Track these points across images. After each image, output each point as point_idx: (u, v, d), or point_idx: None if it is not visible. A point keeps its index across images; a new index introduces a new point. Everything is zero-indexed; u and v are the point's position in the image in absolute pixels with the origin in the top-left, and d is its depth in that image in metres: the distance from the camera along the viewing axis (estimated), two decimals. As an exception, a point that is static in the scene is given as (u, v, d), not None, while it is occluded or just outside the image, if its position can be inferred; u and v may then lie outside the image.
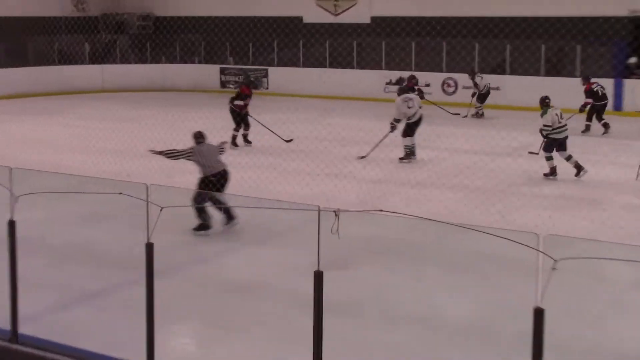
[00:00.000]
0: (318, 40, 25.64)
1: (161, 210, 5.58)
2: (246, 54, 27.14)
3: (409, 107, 14.47)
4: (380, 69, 24.59)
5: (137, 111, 20.54)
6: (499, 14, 22.17)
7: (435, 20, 23.01)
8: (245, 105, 16.31)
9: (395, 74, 23.61)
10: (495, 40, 22.23)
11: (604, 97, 17.66)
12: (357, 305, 7.63)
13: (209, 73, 27.25)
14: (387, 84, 23.92)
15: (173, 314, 7.12)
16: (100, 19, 29.03)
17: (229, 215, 9.95)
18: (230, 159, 13.75)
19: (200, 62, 28.19)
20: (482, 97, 20.56)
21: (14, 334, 6.27)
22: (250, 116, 16.34)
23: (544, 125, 13.07)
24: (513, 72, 22.66)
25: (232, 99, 16.54)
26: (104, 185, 9.27)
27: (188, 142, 10.48)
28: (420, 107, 14.75)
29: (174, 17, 28.04)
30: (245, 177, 12.32)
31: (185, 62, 28.07)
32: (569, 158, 13.05)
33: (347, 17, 25.83)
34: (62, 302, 7.75)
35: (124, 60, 28.56)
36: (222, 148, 10.61)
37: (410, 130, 14.49)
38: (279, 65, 26.43)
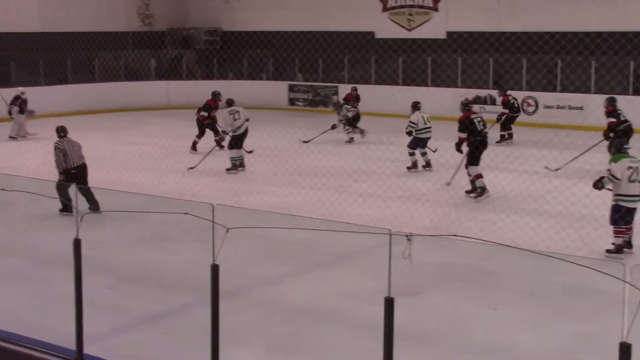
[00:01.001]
0: (391, 57, 25.39)
1: (227, 231, 5.43)
2: (316, 70, 27.03)
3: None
4: (456, 86, 24.14)
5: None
6: (584, 29, 21.45)
7: (515, 35, 22.48)
8: (209, 116, 17.85)
9: (471, 92, 23.08)
10: (580, 57, 21.53)
11: (518, 109, 19.39)
12: (429, 333, 7.38)
13: (277, 90, 27.23)
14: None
15: (238, 338, 6.97)
16: (166, 33, 29.30)
17: (94, 205, 10.50)
18: (298, 179, 13.65)
19: (268, 79, 28.15)
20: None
21: (79, 355, 6.18)
22: (217, 124, 17.55)
23: (410, 122, 15.36)
24: (598, 90, 21.47)
25: (199, 110, 18.13)
26: (169, 205, 9.20)
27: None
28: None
29: (242, 32, 28.11)
30: (315, 198, 12.17)
31: (253, 79, 28.07)
32: (424, 154, 15.39)
33: (421, 33, 25.47)
34: (126, 324, 7.66)
35: (190, 76, 28.76)
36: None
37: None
38: (349, 82, 26.18)
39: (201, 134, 17.98)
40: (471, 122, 13.09)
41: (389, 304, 5.00)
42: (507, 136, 19.03)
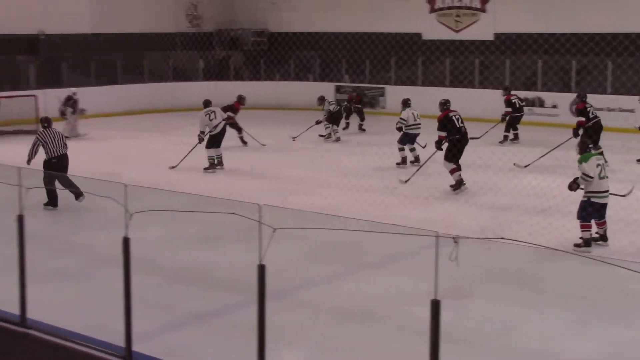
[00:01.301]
0: (438, 58, 25.23)
1: (274, 231, 5.45)
2: (362, 71, 27.01)
3: None
4: (504, 88, 23.83)
5: (250, 130, 20.65)
6: (636, 30, 21.08)
7: (565, 37, 22.18)
8: (232, 118, 18.33)
9: (520, 94, 22.77)
10: (631, 58, 21.15)
11: (520, 108, 19.33)
12: (475, 336, 7.33)
13: (324, 91, 27.19)
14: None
15: (283, 338, 6.98)
16: (214, 34, 29.50)
17: (77, 193, 11.51)
18: (344, 181, 13.66)
19: (315, 80, 28.15)
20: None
21: (128, 352, 6.26)
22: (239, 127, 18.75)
23: (400, 119, 16.13)
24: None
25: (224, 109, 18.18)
26: (216, 205, 9.27)
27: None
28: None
29: (289, 33, 28.13)
30: (361, 199, 12.16)
31: (300, 80, 28.11)
32: (412, 149, 16.06)
33: (468, 34, 25.29)
34: (174, 322, 7.74)
35: (238, 77, 28.90)
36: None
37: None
38: (396, 83, 26.14)
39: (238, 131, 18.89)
40: (449, 120, 13.72)
41: (436, 306, 4.99)
42: (512, 137, 19.16)
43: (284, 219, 5.88)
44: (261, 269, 5.60)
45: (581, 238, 10.01)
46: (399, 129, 16.21)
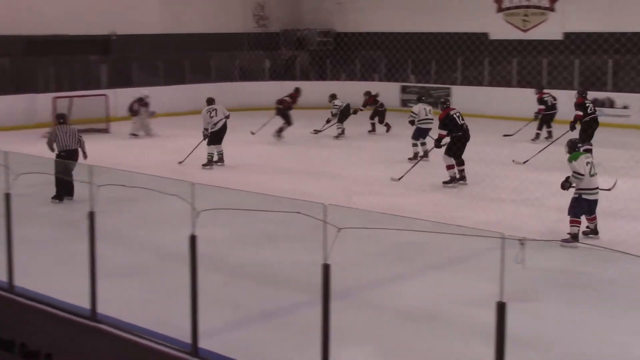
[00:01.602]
0: (505, 58, 24.92)
1: (338, 231, 5.46)
2: (428, 71, 26.85)
3: None
4: (573, 89, 23.39)
5: (354, 130, 20.75)
6: None
7: (637, 36, 21.69)
8: (289, 104, 19.66)
9: (590, 95, 22.31)
10: None
11: (553, 106, 19.30)
12: (541, 340, 7.24)
13: (389, 91, 27.12)
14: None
15: (348, 338, 6.99)
16: (281, 35, 29.66)
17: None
18: (410, 181, 13.61)
19: (380, 80, 28.06)
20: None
21: (194, 348, 6.34)
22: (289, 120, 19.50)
23: (412, 113, 16.92)
24: None
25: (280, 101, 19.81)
26: (282, 204, 9.34)
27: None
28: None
29: (355, 33, 28.16)
30: (426, 200, 12.11)
31: (366, 80, 28.04)
32: (423, 144, 16.45)
33: (537, 34, 24.90)
34: (239, 320, 7.82)
35: (303, 77, 28.99)
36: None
37: None
38: (462, 83, 25.93)
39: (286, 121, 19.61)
40: (451, 118, 14.26)
41: (501, 308, 4.94)
42: (547, 135, 19.14)
43: (349, 218, 5.89)
44: (326, 269, 5.60)
45: (569, 233, 10.20)
46: (411, 122, 16.93)
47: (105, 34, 25.56)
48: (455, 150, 14.05)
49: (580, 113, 16.70)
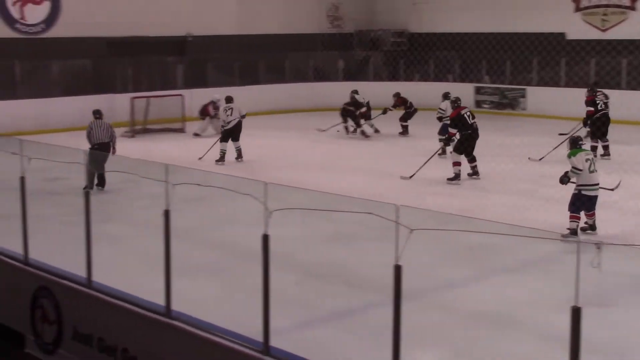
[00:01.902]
0: (583, 58, 24.41)
1: (411, 232, 5.44)
2: (503, 72, 26.50)
3: None
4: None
5: (389, 129, 20.71)
6: None
7: None
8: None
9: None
10: None
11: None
12: (617, 347, 7.08)
13: (463, 92, 26.75)
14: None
15: (419, 340, 6.97)
16: (354, 35, 29.66)
17: (101, 182, 13.31)
18: (484, 183, 13.46)
19: (454, 80, 27.79)
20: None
21: (265, 346, 6.40)
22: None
23: (439, 109, 17.56)
24: None
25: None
26: (354, 205, 9.35)
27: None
28: None
29: (429, 33, 27.96)
30: (500, 202, 11.97)
31: (439, 80, 27.81)
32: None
33: (616, 33, 24.29)
34: (311, 319, 7.86)
35: (377, 77, 28.94)
36: None
37: None
38: (538, 84, 25.51)
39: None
40: (461, 117, 14.84)
41: (576, 313, 4.86)
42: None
43: (422, 219, 5.87)
44: (397, 270, 5.59)
45: (568, 229, 10.39)
46: (439, 118, 17.56)
47: (181, 35, 25.98)
48: (465, 147, 14.62)
49: (592, 109, 17.05)
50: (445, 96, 17.75)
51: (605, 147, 17.09)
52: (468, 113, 15.00)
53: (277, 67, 27.43)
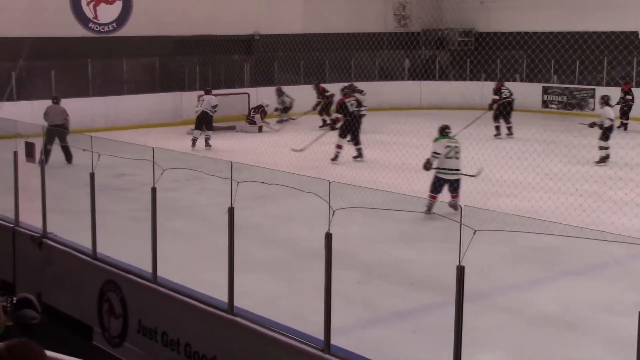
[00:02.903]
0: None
1: (474, 233, 5.39)
2: (572, 72, 26.05)
3: None
4: None
5: (454, 129, 20.49)
6: None
7: None
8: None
9: None
10: None
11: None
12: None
13: (531, 92, 26.50)
14: None
15: (481, 342, 6.92)
16: (421, 34, 29.50)
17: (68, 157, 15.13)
18: (550, 184, 13.27)
19: (521, 80, 27.48)
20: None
21: (326, 345, 6.42)
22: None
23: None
24: None
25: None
26: (417, 204, 9.33)
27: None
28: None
29: (496, 32, 27.60)
30: (566, 203, 11.78)
31: (507, 80, 27.44)
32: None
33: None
34: (372, 319, 7.86)
35: (443, 77, 28.75)
36: None
37: None
38: (608, 84, 25.00)
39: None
40: (344, 105, 17.30)
41: (643, 318, 4.76)
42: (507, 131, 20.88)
43: (486, 220, 5.82)
44: (460, 271, 5.56)
45: (426, 205, 11.24)
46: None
47: (249, 34, 26.21)
48: (345, 131, 16.92)
49: (497, 97, 21.03)
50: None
51: (509, 128, 20.69)
52: (352, 102, 17.32)
53: (342, 66, 27.47)
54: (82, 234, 9.02)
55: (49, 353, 3.64)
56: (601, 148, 16.56)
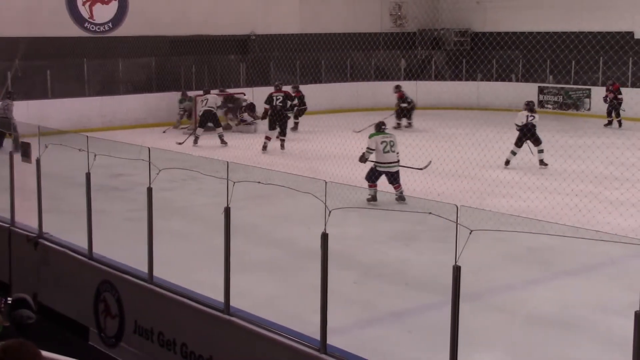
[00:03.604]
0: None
1: (470, 233, 5.40)
2: (568, 72, 26.09)
3: None
4: None
5: (450, 129, 20.56)
6: None
7: None
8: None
9: None
10: None
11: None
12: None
13: (526, 92, 26.49)
14: None
15: (477, 342, 6.92)
16: (417, 34, 29.53)
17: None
18: (545, 184, 13.27)
19: (517, 80, 27.53)
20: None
21: (323, 345, 6.42)
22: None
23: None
24: None
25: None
26: (413, 204, 9.34)
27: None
28: None
29: (492, 32, 27.57)
30: (562, 203, 11.81)
31: (503, 80, 27.55)
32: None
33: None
34: (369, 319, 7.86)
35: (439, 77, 28.77)
36: None
37: None
38: (603, 85, 25.00)
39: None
40: (270, 98, 18.82)
41: (640, 319, 4.78)
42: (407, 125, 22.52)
43: (482, 220, 5.82)
44: (456, 270, 5.56)
45: (370, 194, 12.18)
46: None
47: (244, 34, 26.20)
48: (273, 124, 18.52)
49: (400, 103, 22.54)
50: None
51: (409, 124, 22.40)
52: (278, 96, 18.75)
53: (338, 66, 27.48)
54: (78, 234, 9.01)
55: (45, 353, 3.63)
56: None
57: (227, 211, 7.10)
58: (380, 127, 13.26)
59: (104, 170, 11.13)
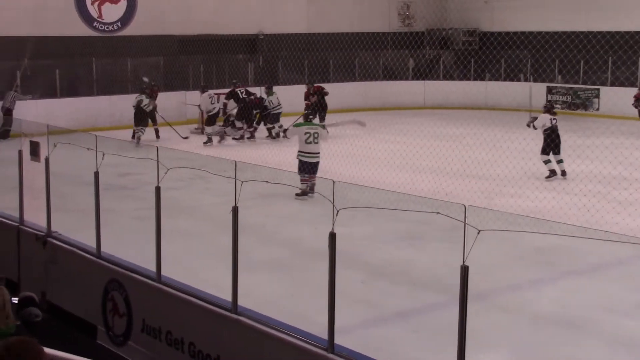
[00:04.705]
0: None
1: (478, 232, 5.39)
2: (577, 72, 26.02)
3: None
4: None
5: (458, 129, 20.53)
6: None
7: None
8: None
9: None
10: None
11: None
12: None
13: (535, 91, 26.44)
14: None
15: (484, 341, 6.92)
16: (425, 34, 29.49)
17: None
18: (554, 184, 13.22)
19: (526, 80, 27.45)
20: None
21: (330, 344, 6.42)
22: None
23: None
24: None
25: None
26: (421, 204, 9.28)
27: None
28: None
29: (501, 32, 27.54)
30: (570, 203, 11.78)
31: (511, 80, 27.49)
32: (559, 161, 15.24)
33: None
34: (376, 318, 7.86)
35: (447, 76, 28.74)
36: None
37: None
38: (613, 84, 24.96)
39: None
40: (235, 93, 20.28)
41: (646, 319, 4.77)
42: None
43: (490, 220, 5.81)
44: (464, 270, 5.55)
45: (300, 189, 12.75)
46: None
47: (253, 34, 26.21)
48: (244, 117, 19.72)
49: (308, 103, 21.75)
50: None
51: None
52: (242, 91, 20.09)
53: (346, 65, 27.47)
54: (87, 233, 9.04)
55: (53, 352, 3.64)
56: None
57: (235, 210, 7.10)
58: (308, 118, 14.13)
59: (113, 169, 11.18)
